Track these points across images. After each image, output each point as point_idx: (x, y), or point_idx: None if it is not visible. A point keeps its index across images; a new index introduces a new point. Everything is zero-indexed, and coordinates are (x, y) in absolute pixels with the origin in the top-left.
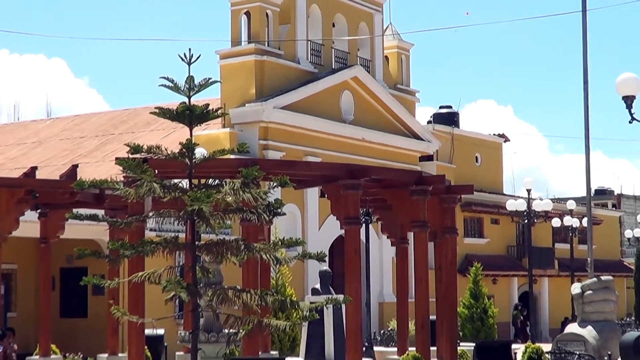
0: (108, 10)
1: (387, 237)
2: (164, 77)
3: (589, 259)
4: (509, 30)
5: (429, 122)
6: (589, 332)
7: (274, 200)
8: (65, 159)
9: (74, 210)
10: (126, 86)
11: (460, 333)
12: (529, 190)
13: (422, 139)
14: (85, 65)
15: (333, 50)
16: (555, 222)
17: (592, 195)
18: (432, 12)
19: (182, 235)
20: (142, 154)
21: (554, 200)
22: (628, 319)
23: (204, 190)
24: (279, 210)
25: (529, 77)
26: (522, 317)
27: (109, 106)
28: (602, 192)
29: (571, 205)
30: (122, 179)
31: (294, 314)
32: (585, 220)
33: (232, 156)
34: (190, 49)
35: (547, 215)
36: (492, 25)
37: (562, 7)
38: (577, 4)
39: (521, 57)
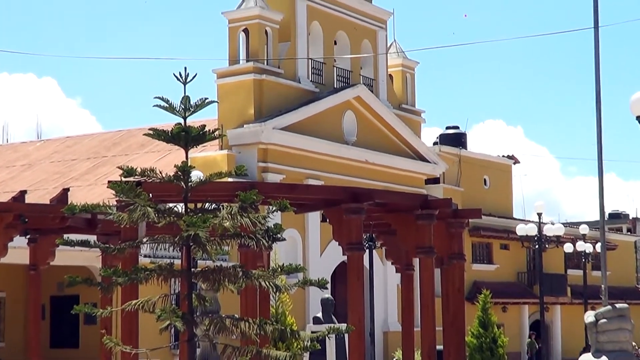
0: (101, 28)
1: (392, 264)
2: (159, 97)
3: (603, 285)
4: (518, 47)
5: (435, 143)
6: None
7: (274, 225)
8: (55, 183)
9: (65, 236)
10: (120, 107)
11: None
12: (539, 214)
13: (428, 161)
14: (77, 85)
15: (335, 68)
16: (568, 247)
17: (606, 219)
18: (437, 29)
19: (177, 262)
20: (136, 177)
21: (566, 224)
22: None
23: (200, 214)
24: (279, 235)
25: (540, 96)
26: (537, 347)
27: (101, 127)
28: (616, 216)
29: (584, 229)
30: (115, 203)
31: (295, 344)
32: (599, 246)
33: (229, 179)
34: (185, 68)
35: (559, 240)
36: (501, 43)
37: (574, 23)
38: (589, 20)
39: (531, 76)
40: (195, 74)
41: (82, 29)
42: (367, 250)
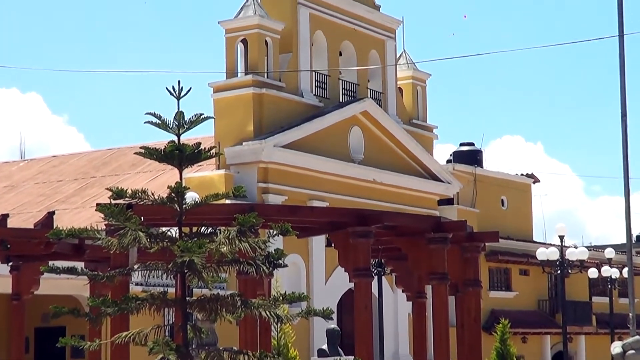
0: (89, 40)
1: (402, 291)
2: (150, 113)
3: (630, 314)
4: (538, 57)
5: (448, 161)
6: None
7: (275, 250)
8: (40, 205)
9: (50, 263)
10: (109, 124)
11: None
12: (562, 237)
13: (441, 180)
14: (64, 101)
15: (340, 81)
16: (592, 272)
17: (633, 241)
18: (450, 38)
19: (171, 290)
20: (126, 199)
21: (590, 248)
22: None
23: (195, 239)
24: (280, 261)
25: (561, 110)
26: None
27: (90, 146)
28: None
29: (610, 253)
30: (104, 227)
31: None
32: (625, 271)
33: (227, 201)
34: (179, 82)
35: (582, 265)
36: (520, 52)
37: (598, 31)
38: (614, 28)
39: (552, 88)
40: (190, 88)
41: (70, 41)
42: (376, 277)
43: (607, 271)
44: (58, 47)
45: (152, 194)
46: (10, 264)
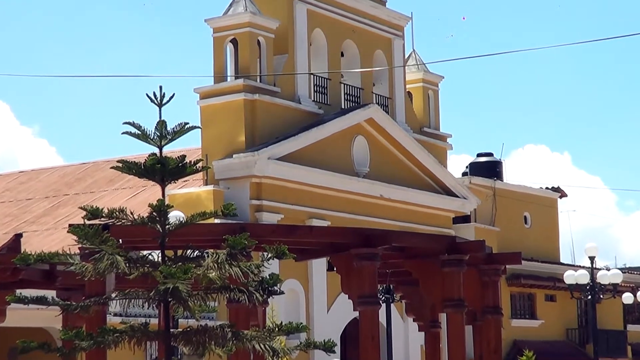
0: (62, 42)
1: (414, 320)
2: (129, 123)
3: None
4: (565, 57)
5: (464, 174)
6: None
7: (270, 275)
8: (7, 227)
9: (18, 292)
10: (84, 136)
11: None
12: (592, 258)
13: (456, 196)
14: (34, 111)
15: (342, 85)
16: (627, 298)
17: None
18: (465, 36)
19: (153, 321)
20: (103, 219)
21: (624, 270)
22: None
23: (180, 264)
24: (276, 287)
25: (591, 116)
26: None
27: (62, 160)
28: None
29: None
30: (78, 251)
31: None
32: None
33: (216, 220)
34: (161, 87)
35: (616, 290)
36: (543, 52)
37: (633, 28)
38: None
39: (580, 92)
40: (173, 94)
41: (40, 43)
42: (384, 305)
43: None
44: (27, 50)
45: (132, 213)
46: None
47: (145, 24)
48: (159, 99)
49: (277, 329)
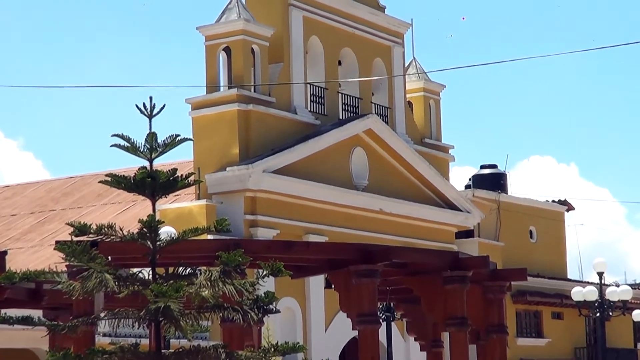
0: (47, 51)
1: (415, 340)
2: (118, 135)
3: None
4: (572, 65)
5: (467, 186)
6: None
7: (265, 293)
8: None
9: (2, 312)
10: (71, 148)
11: None
12: (601, 274)
13: (459, 209)
14: (19, 122)
15: (340, 95)
16: (637, 315)
17: None
18: (467, 40)
19: (144, 342)
20: (91, 235)
21: (634, 286)
22: None
23: (171, 281)
24: (272, 306)
25: (599, 126)
26: None
27: (49, 174)
28: None
29: None
30: (65, 269)
31: None
32: None
33: (209, 236)
34: (151, 98)
35: (626, 307)
36: (549, 60)
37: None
38: None
39: (588, 101)
40: (164, 105)
41: (25, 52)
42: (384, 323)
43: None
44: (10, 58)
45: (121, 229)
46: None
47: (135, 32)
48: (149, 110)
49: (273, 349)
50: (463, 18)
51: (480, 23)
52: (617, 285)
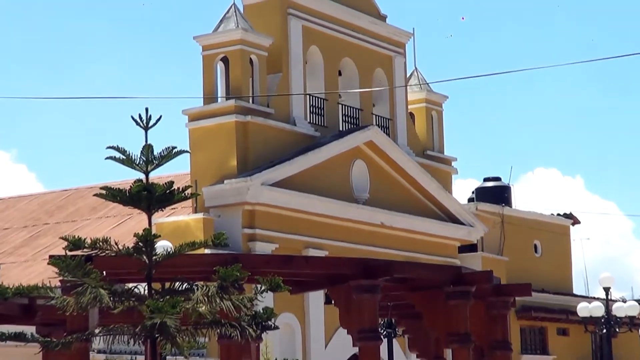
0: (41, 61)
1: (417, 356)
2: (113, 147)
3: None
4: (577, 76)
5: (470, 199)
6: None
7: (263, 309)
8: None
9: None
10: (66, 161)
11: None
12: (607, 289)
13: (461, 223)
14: (12, 134)
15: (340, 106)
16: None
17: None
18: (471, 54)
19: (139, 359)
20: (85, 250)
21: None
22: None
23: (168, 297)
24: (270, 322)
25: (605, 137)
26: None
27: (42, 187)
28: None
29: None
30: (59, 284)
31: None
32: None
33: (206, 251)
34: (147, 109)
35: (632, 323)
36: (555, 70)
37: None
38: None
39: (593, 112)
40: (160, 117)
41: (18, 62)
42: (385, 340)
43: None
44: (4, 69)
45: (116, 244)
46: None
47: (130, 41)
48: (145, 122)
49: None
50: (463, 18)
51: (483, 30)
52: (624, 301)
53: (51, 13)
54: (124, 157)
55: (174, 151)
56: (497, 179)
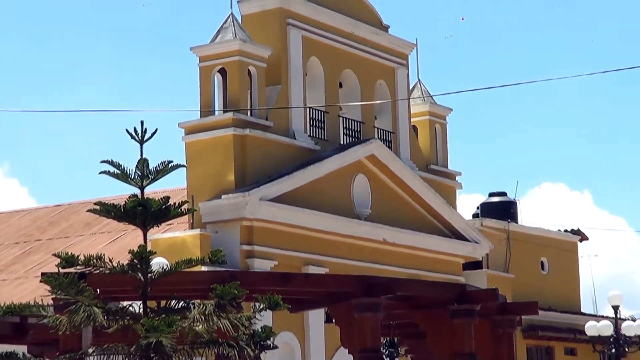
0: (34, 73)
1: None
2: (107, 162)
3: None
4: (586, 87)
5: (475, 215)
6: None
7: (262, 328)
8: None
9: None
10: (58, 175)
11: None
12: (616, 308)
13: (466, 239)
14: (3, 147)
15: (341, 119)
16: None
17: None
18: (475, 64)
19: None
20: (78, 267)
21: None
22: None
23: (164, 315)
24: (269, 342)
25: (614, 152)
26: None
27: (34, 202)
28: None
29: None
30: (51, 302)
31: None
32: None
33: (203, 268)
34: (142, 122)
35: None
36: (562, 82)
37: None
38: None
39: (602, 126)
40: (156, 130)
41: (10, 74)
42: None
43: None
44: None
45: (110, 261)
46: None
47: (125, 53)
48: (140, 135)
49: None
50: (462, 19)
51: (489, 41)
52: (634, 320)
53: (44, 25)
54: (118, 172)
55: (169, 165)
56: (503, 194)
